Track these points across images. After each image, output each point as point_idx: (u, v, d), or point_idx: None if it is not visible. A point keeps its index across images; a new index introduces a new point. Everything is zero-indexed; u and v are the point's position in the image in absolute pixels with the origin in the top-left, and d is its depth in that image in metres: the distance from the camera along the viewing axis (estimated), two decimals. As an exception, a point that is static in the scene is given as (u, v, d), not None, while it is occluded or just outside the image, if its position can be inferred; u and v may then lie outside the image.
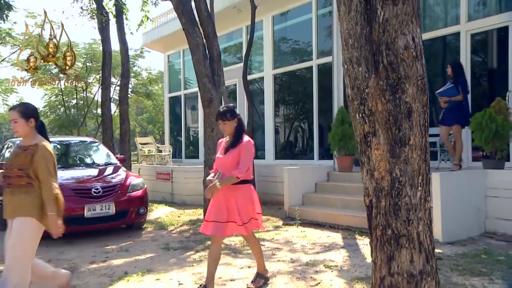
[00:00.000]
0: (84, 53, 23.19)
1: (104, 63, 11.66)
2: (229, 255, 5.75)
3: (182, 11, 7.86)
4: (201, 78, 7.85)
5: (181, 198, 10.95)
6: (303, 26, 12.64)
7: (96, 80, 25.45)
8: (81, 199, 6.72)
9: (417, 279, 2.33)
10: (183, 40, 17.19)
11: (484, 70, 9.14)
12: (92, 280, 4.89)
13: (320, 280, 4.53)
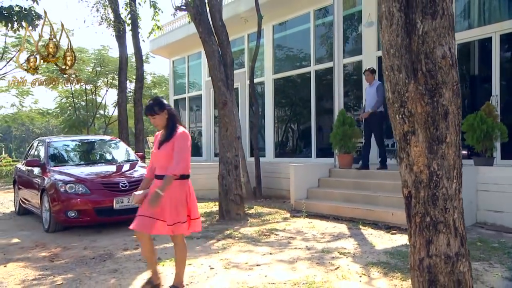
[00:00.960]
0: (94, 59, 23.12)
1: (120, 68, 11.68)
2: (250, 243, 5.84)
3: (200, 20, 7.93)
4: (216, 82, 7.92)
5: None
6: (302, 35, 12.79)
7: (104, 84, 25.41)
8: (110, 192, 6.77)
9: (453, 260, 2.45)
10: (187, 46, 17.39)
11: (470, 77, 9.32)
12: (129, 265, 4.96)
13: (338, 265, 4.64)
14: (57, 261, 5.17)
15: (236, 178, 7.77)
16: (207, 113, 16.68)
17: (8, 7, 7.95)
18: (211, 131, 16.63)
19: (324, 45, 12.33)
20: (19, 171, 8.96)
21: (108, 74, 24.28)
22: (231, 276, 4.40)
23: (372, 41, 10.55)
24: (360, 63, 10.74)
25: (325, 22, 12.27)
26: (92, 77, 23.42)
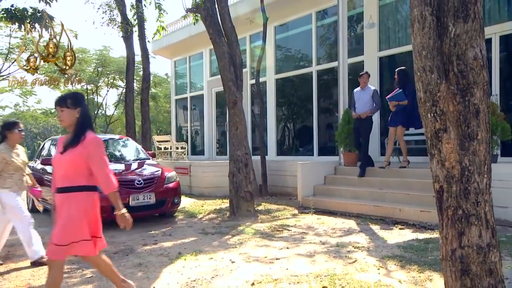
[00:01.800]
0: (95, 59, 23.10)
1: (127, 68, 11.71)
2: (265, 239, 5.92)
3: (210, 22, 7.99)
4: (226, 82, 7.99)
5: (199, 190, 11.07)
6: (303, 36, 12.90)
7: (104, 84, 25.39)
8: (126, 189, 6.82)
9: (485, 250, 2.55)
10: (189, 47, 17.44)
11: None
12: (152, 259, 5.03)
13: (356, 259, 4.74)
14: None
15: (246, 175, 7.84)
16: (209, 113, 16.74)
17: (21, 9, 7.97)
18: (213, 130, 16.69)
19: (326, 46, 12.44)
20: (32, 170, 8.96)
21: (109, 74, 24.29)
22: (253, 269, 4.48)
23: (374, 42, 10.68)
24: (361, 64, 10.87)
25: (326, 23, 12.39)
26: (94, 77, 23.40)
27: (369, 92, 8.22)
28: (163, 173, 7.49)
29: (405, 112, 7.67)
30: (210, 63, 16.97)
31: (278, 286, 3.90)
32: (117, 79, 24.65)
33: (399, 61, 10.52)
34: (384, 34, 10.71)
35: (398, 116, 7.75)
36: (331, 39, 12.28)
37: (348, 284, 3.86)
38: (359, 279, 4.04)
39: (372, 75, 10.63)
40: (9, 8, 7.80)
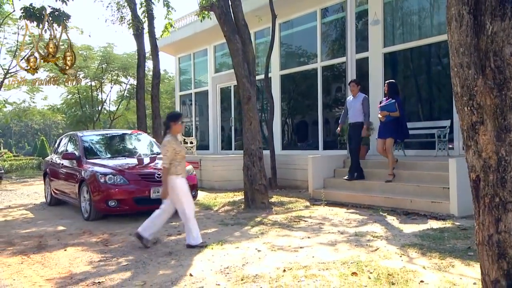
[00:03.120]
0: (99, 56, 23.05)
1: (138, 65, 11.73)
2: (284, 229, 6.04)
3: (224, 20, 8.06)
4: (240, 78, 8.07)
5: (209, 184, 11.16)
6: (308, 33, 12.98)
7: (108, 80, 25.33)
8: (146, 182, 6.93)
9: (521, 235, 2.67)
10: (193, 44, 17.46)
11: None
12: (180, 248, 5.13)
13: (377, 247, 4.85)
14: (111, 246, 5.33)
15: (261, 169, 7.95)
16: (214, 108, 16.81)
17: (40, 7, 8.00)
18: (218, 125, 16.78)
19: (331, 43, 12.54)
20: (51, 164, 9.04)
21: (113, 71, 24.23)
22: (280, 257, 4.59)
23: (378, 39, 10.77)
24: (366, 60, 10.97)
25: (331, 20, 12.49)
26: (98, 73, 23.35)
27: (360, 99, 8.00)
28: (181, 167, 7.56)
29: (394, 124, 7.50)
30: (214, 59, 17.03)
31: (308, 272, 4.01)
32: (120, 75, 24.61)
33: (404, 57, 10.66)
34: (388, 30, 10.81)
35: (388, 128, 7.55)
36: (336, 36, 12.39)
37: (376, 270, 3.98)
38: (385, 265, 4.15)
39: (377, 71, 10.78)
40: (28, 7, 7.82)
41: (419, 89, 10.47)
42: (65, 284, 3.91)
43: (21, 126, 63.55)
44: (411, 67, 10.64)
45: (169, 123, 5.20)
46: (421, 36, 10.08)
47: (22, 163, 23.41)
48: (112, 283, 3.89)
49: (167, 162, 5.06)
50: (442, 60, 9.97)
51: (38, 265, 4.57)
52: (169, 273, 4.14)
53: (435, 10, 10.01)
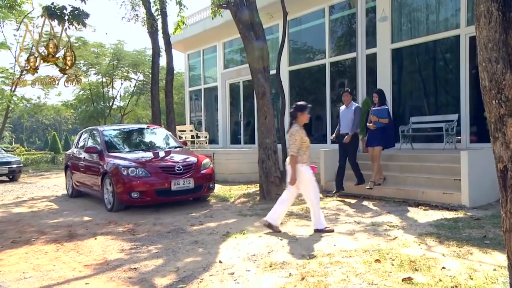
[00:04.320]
0: (110, 53, 23.11)
1: (153, 62, 11.80)
2: (302, 219, 6.14)
3: (240, 18, 8.10)
4: (255, 74, 8.12)
5: (223, 177, 11.24)
6: (316, 29, 13.00)
7: (118, 76, 25.39)
8: (167, 175, 7.01)
9: (547, 221, 2.73)
10: (203, 41, 17.49)
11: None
12: (205, 237, 5.21)
13: (395, 236, 4.92)
14: (138, 235, 5.42)
15: (275, 162, 8.01)
16: (223, 104, 16.87)
17: (61, 6, 8.04)
18: (227, 120, 16.83)
19: (339, 39, 12.56)
20: (72, 158, 9.14)
21: (123, 67, 24.29)
22: (303, 245, 4.67)
23: (386, 35, 10.79)
24: (374, 55, 10.99)
25: (339, 17, 12.51)
26: (109, 70, 23.43)
27: (352, 109, 7.74)
28: (199, 160, 7.66)
29: (383, 132, 7.41)
30: (223, 56, 17.06)
31: (333, 259, 4.08)
32: (130, 72, 24.68)
33: (411, 53, 10.66)
34: (396, 27, 10.82)
35: (376, 136, 7.46)
36: (344, 32, 12.40)
37: (397, 258, 4.05)
38: (405, 253, 4.22)
39: (385, 67, 10.80)
40: (49, 6, 7.87)
41: (427, 84, 10.49)
42: (103, 270, 4.01)
43: (32, 121, 63.76)
44: (419, 63, 10.65)
45: (296, 113, 5.28)
46: (428, 32, 10.09)
47: (36, 157, 23.59)
48: (146, 269, 3.99)
49: (295, 150, 5.16)
50: (449, 56, 9.98)
51: (73, 252, 4.67)
52: (199, 260, 4.22)
53: (442, 6, 10.01)
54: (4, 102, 17.51)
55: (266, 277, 3.67)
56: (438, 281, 3.39)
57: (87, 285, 3.61)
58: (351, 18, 12.29)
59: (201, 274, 3.78)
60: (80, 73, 22.85)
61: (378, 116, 7.39)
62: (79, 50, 19.81)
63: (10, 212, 7.61)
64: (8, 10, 9.99)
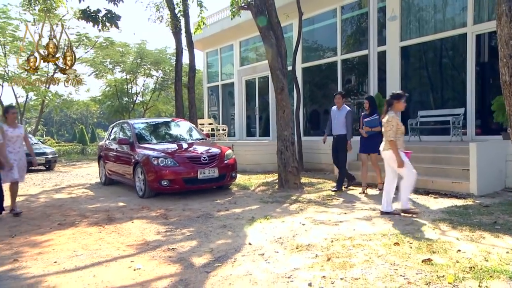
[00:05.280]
0: (134, 52, 23.26)
1: (177, 60, 11.88)
2: (321, 206, 6.15)
3: (260, 18, 8.09)
4: (274, 71, 8.13)
5: (241, 167, 11.25)
6: (328, 28, 12.94)
7: (141, 74, 25.56)
8: (195, 165, 7.10)
9: None
10: (220, 40, 17.50)
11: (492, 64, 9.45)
12: (232, 222, 5.28)
13: (410, 222, 4.94)
14: (171, 219, 5.52)
15: (293, 153, 8.04)
16: (239, 99, 16.91)
17: (96, 10, 8.14)
18: (243, 114, 16.88)
19: (350, 37, 12.49)
20: (105, 149, 9.29)
21: (145, 65, 24.44)
22: (324, 230, 4.71)
23: (396, 33, 10.71)
24: (384, 53, 10.91)
25: (350, 16, 12.42)
26: (133, 67, 23.60)
27: (344, 112, 7.42)
28: (223, 151, 7.73)
29: (377, 139, 6.77)
30: (240, 54, 17.08)
31: (354, 242, 4.13)
32: (152, 69, 24.83)
33: (419, 50, 10.55)
34: (405, 25, 10.72)
35: (372, 143, 7.04)
36: (355, 31, 12.33)
37: (415, 241, 4.08)
38: (421, 237, 4.25)
39: (394, 63, 10.73)
40: (85, 10, 7.97)
41: (434, 79, 10.41)
42: (145, 249, 4.12)
43: (61, 116, 64.51)
44: (427, 60, 10.55)
45: (392, 101, 5.27)
46: (436, 30, 9.99)
47: (67, 149, 23.95)
48: (183, 250, 4.08)
49: (394, 136, 5.16)
50: (455, 53, 9.87)
51: (115, 234, 4.79)
52: (230, 242, 4.30)
53: (449, 6, 9.90)
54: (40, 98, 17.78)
55: (294, 257, 3.73)
56: (456, 262, 3.42)
57: (133, 262, 3.72)
58: (360, 17, 12.22)
59: (234, 255, 3.86)
60: (107, 71, 23.12)
61: (370, 126, 7.13)
62: (106, 49, 20.01)
63: (52, 197, 7.80)
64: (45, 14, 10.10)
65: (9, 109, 6.31)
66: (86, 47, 19.63)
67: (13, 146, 6.11)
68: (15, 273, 3.52)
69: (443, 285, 2.95)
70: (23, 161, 6.27)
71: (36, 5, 9.65)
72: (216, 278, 3.28)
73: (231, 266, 3.55)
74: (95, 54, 21.34)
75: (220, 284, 3.14)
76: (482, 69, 9.29)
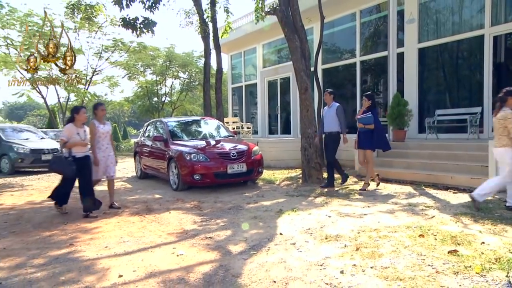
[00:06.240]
0: (164, 55, 23.57)
1: (205, 63, 11.98)
2: (345, 199, 6.13)
3: (285, 22, 8.09)
4: (298, 72, 8.12)
5: (265, 163, 11.16)
6: (348, 31, 12.82)
7: (169, 76, 25.86)
8: (224, 160, 7.17)
9: None
10: (244, 43, 17.55)
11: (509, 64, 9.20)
12: (261, 213, 5.32)
13: (432, 215, 4.88)
14: (204, 210, 5.61)
15: (316, 149, 8.02)
16: (262, 99, 16.96)
17: (134, 17, 8.29)
18: (265, 112, 16.91)
19: (368, 40, 12.34)
20: (140, 146, 9.48)
21: (173, 67, 24.71)
22: (350, 222, 4.70)
23: (413, 36, 10.53)
24: (402, 55, 10.75)
25: (369, 20, 12.27)
26: (162, 70, 23.93)
27: (334, 109, 7.23)
28: (250, 147, 7.78)
29: (372, 136, 6.87)
30: (262, 56, 17.11)
31: (380, 234, 4.11)
32: (180, 71, 25.10)
33: (436, 51, 10.34)
34: (422, 28, 10.52)
35: (366, 139, 6.92)
36: (373, 33, 12.18)
37: (439, 233, 4.03)
38: (445, 229, 4.19)
39: (411, 64, 10.56)
40: (125, 17, 8.14)
41: (450, 80, 10.19)
42: (184, 237, 4.21)
43: (96, 115, 66.05)
44: (444, 60, 10.34)
45: (506, 97, 4.90)
46: (453, 32, 9.77)
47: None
48: (220, 238, 4.15)
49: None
50: (472, 54, 9.63)
51: (155, 223, 4.91)
52: (262, 232, 4.35)
53: (466, 8, 9.66)
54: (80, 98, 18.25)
55: (324, 247, 3.75)
56: (481, 254, 3.37)
57: (175, 249, 3.81)
58: (378, 21, 12.06)
59: (267, 244, 3.91)
60: (139, 73, 23.53)
61: (363, 123, 6.89)
62: (139, 53, 20.36)
63: (95, 189, 7.94)
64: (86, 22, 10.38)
65: (98, 106, 5.90)
66: (121, 52, 20.01)
67: (102, 142, 5.80)
68: (72, 256, 3.67)
69: (471, 275, 2.92)
70: (111, 157, 5.93)
71: (78, 13, 9.92)
72: (253, 264, 3.33)
73: (265, 254, 3.60)
74: (128, 58, 21.74)
75: (258, 270, 3.19)
76: (499, 69, 9.05)
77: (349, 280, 2.92)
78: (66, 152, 5.30)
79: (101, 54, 18.38)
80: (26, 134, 12.70)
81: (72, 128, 5.37)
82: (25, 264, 3.49)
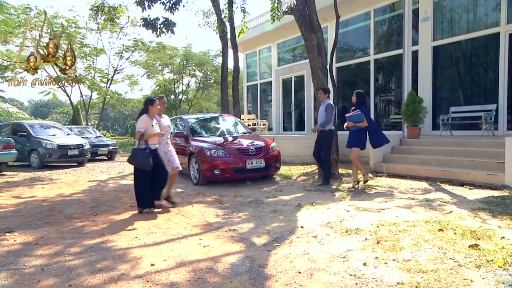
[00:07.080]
0: (181, 54, 23.73)
1: (223, 62, 12.03)
2: (362, 194, 6.10)
3: (302, 22, 8.06)
4: (315, 70, 8.08)
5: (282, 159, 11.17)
6: (362, 30, 12.69)
7: (186, 74, 26.04)
8: (243, 156, 7.21)
9: None
10: (259, 42, 17.52)
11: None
12: (281, 207, 5.34)
13: (451, 210, 4.82)
14: (225, 204, 5.66)
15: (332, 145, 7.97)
16: (277, 96, 16.94)
17: (155, 18, 8.37)
18: (280, 110, 16.89)
19: (382, 38, 12.19)
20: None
21: (190, 66, 24.86)
22: (368, 216, 4.68)
23: (428, 34, 10.37)
24: (416, 53, 10.58)
25: (383, 19, 12.13)
26: (180, 68, 24.10)
27: (324, 106, 7.15)
28: (268, 144, 7.79)
29: (360, 134, 6.69)
30: (277, 55, 17.07)
31: (399, 228, 4.09)
32: (196, 70, 25.24)
33: (451, 49, 10.16)
34: (437, 26, 10.35)
35: (354, 138, 6.76)
36: (387, 32, 12.03)
37: (458, 228, 3.99)
38: (463, 224, 4.14)
39: (426, 62, 10.40)
40: (146, 18, 8.22)
41: (464, 77, 10.01)
42: (209, 229, 4.27)
43: (115, 112, 66.91)
44: (457, 58, 10.15)
45: None
46: (468, 30, 9.59)
47: (123, 141, 24.85)
48: (243, 231, 4.19)
49: None
50: (487, 52, 9.44)
51: (180, 216, 4.98)
52: (283, 225, 4.37)
53: (481, 7, 9.46)
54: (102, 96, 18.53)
55: (345, 240, 3.75)
56: (502, 248, 3.32)
57: (201, 240, 3.87)
58: (392, 19, 11.90)
59: (289, 236, 3.93)
60: (157, 72, 23.77)
61: (353, 121, 6.66)
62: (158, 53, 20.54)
63: (119, 183, 8.16)
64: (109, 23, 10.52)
65: (159, 99, 5.45)
66: (140, 51, 20.23)
67: (163, 137, 5.52)
68: (105, 245, 3.76)
69: (493, 269, 2.88)
70: (172, 151, 5.74)
71: (102, 15, 10.07)
72: (277, 256, 3.36)
73: (288, 246, 3.62)
74: (147, 57, 21.97)
75: (282, 261, 3.22)
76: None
77: (372, 272, 2.92)
78: (143, 144, 5.06)
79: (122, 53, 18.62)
80: (53, 130, 12.98)
81: (147, 119, 5.10)
82: (62, 252, 3.59)
